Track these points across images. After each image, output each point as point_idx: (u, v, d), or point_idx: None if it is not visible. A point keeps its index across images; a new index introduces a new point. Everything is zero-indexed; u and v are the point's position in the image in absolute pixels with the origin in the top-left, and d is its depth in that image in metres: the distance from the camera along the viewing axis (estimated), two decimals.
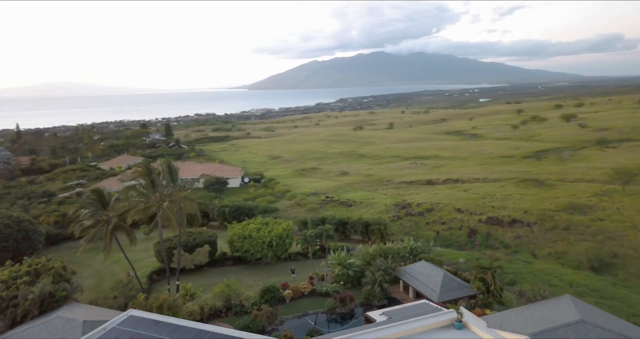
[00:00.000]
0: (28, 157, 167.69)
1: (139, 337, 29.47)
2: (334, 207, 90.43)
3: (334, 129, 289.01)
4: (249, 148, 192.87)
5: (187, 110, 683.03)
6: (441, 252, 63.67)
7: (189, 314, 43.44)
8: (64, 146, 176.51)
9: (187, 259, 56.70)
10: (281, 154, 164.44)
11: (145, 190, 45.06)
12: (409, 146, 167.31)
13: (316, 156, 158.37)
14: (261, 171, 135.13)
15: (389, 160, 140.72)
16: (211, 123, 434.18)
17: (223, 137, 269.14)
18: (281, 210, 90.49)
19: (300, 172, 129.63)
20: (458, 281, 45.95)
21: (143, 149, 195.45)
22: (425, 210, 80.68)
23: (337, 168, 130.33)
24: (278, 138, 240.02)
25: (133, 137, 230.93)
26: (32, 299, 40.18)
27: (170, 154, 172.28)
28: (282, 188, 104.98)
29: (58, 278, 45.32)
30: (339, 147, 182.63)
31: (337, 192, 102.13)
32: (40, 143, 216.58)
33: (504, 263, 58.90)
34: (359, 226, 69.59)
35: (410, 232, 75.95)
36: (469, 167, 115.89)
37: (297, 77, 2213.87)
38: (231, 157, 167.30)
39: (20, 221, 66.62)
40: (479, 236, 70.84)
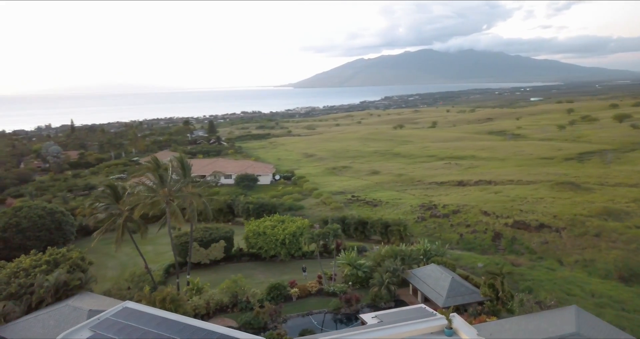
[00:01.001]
0: (77, 151, 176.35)
1: (128, 328, 30.36)
2: (359, 207, 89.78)
3: (374, 127, 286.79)
4: (286, 146, 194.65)
5: (234, 108, 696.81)
6: (460, 256, 62.02)
7: (194, 308, 44.46)
8: (110, 141, 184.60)
9: (203, 254, 57.90)
10: (316, 152, 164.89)
11: (154, 185, 46.05)
12: (447, 145, 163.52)
13: (350, 155, 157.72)
14: (294, 168, 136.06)
15: (423, 160, 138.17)
16: (255, 121, 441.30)
17: (264, 135, 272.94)
18: (306, 208, 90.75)
19: (332, 170, 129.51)
20: (467, 286, 44.62)
21: (185, 145, 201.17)
22: (451, 212, 78.67)
23: (368, 167, 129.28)
24: (317, 136, 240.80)
25: (177, 134, 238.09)
26: (47, 287, 42.27)
27: (209, 151, 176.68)
28: (310, 186, 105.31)
29: (75, 268, 47.45)
30: (375, 145, 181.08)
31: (365, 191, 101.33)
32: (91, 138, 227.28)
33: (525, 269, 56.60)
34: (378, 226, 68.79)
35: (433, 234, 74.39)
36: (504, 169, 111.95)
37: (343, 75, 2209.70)
38: (267, 155, 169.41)
39: (54, 212, 70.17)
40: (503, 240, 68.34)
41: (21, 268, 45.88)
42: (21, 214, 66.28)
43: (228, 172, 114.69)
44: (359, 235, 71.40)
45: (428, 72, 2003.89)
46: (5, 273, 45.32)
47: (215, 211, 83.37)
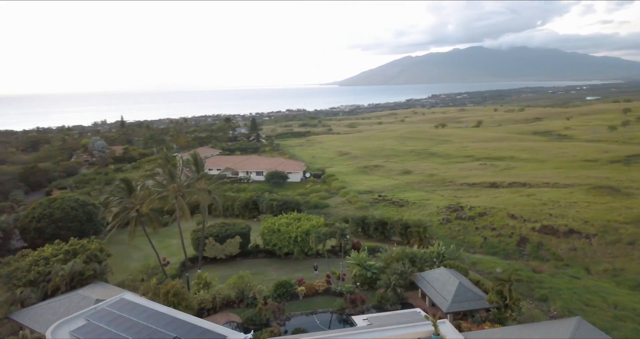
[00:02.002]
0: (122, 146, 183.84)
1: (119, 319, 31.40)
2: (385, 207, 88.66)
3: (416, 126, 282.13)
4: (322, 144, 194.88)
5: (280, 106, 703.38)
6: (479, 260, 60.07)
7: (200, 302, 45.35)
8: (152, 137, 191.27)
9: (218, 249, 58.89)
10: (351, 151, 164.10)
11: (164, 181, 47.19)
12: (486, 145, 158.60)
13: (386, 153, 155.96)
14: (326, 166, 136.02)
15: (459, 160, 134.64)
16: (298, 119, 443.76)
17: (304, 133, 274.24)
18: (331, 206, 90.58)
19: (363, 169, 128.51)
20: (475, 292, 43.15)
21: (225, 142, 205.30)
22: (477, 214, 76.31)
23: (401, 166, 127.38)
24: (355, 134, 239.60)
25: (218, 131, 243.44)
26: (62, 276, 44.36)
27: (247, 148, 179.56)
28: (338, 185, 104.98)
29: (92, 259, 49.47)
30: (413, 144, 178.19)
31: (393, 191, 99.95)
32: (138, 134, 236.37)
33: (546, 276, 54.12)
34: (398, 227, 67.61)
35: (456, 237, 72.52)
36: (542, 171, 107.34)
37: (389, 73, 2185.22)
38: (303, 153, 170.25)
39: (86, 204, 73.43)
40: (529, 245, 65.58)
41: (42, 257, 48.37)
42: (55, 206, 69.75)
43: (259, 169, 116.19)
44: (379, 235, 70.49)
45: (477, 70, 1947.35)
46: (27, 261, 47.96)
47: (241, 207, 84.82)
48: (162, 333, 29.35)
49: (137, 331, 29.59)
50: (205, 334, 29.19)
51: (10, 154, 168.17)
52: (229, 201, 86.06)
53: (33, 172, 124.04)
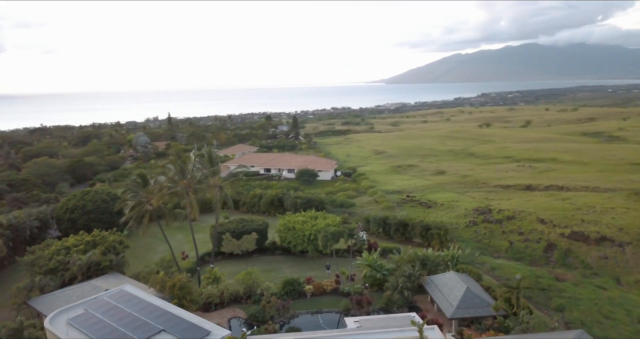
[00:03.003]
0: (165, 142, 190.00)
1: (114, 309, 32.50)
2: (412, 208, 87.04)
3: (460, 125, 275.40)
4: (360, 142, 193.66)
5: (325, 104, 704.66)
6: (499, 265, 57.91)
7: (208, 297, 46.23)
8: (194, 134, 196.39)
9: (235, 244, 59.79)
10: (387, 150, 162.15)
11: (175, 176, 48.28)
12: (529, 146, 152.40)
13: (422, 153, 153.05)
14: (360, 165, 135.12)
15: (497, 161, 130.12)
16: (342, 117, 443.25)
17: (345, 131, 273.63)
18: (357, 206, 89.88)
19: (396, 169, 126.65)
20: (482, 298, 41.66)
21: (264, 139, 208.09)
22: (505, 218, 73.54)
23: (436, 167, 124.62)
24: (395, 133, 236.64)
25: (259, 128, 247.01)
26: (79, 266, 46.43)
27: (285, 145, 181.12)
28: (367, 184, 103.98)
29: (110, 250, 51.44)
30: (452, 144, 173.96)
31: (424, 192, 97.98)
32: (182, 130, 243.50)
33: (569, 285, 51.46)
34: (418, 229, 66.22)
35: (482, 240, 70.31)
36: (584, 174, 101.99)
37: (438, 70, 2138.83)
38: (338, 151, 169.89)
39: (117, 197, 76.32)
40: (556, 251, 62.54)
41: (64, 247, 50.81)
42: (87, 198, 73.01)
43: (291, 167, 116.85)
44: (400, 237, 69.31)
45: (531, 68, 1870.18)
46: (51, 250, 50.51)
47: (267, 203, 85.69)
48: (151, 325, 30.16)
49: (127, 322, 30.53)
50: (190, 328, 29.74)
51: (62, 148, 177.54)
52: (255, 198, 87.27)
53: (79, 166, 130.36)
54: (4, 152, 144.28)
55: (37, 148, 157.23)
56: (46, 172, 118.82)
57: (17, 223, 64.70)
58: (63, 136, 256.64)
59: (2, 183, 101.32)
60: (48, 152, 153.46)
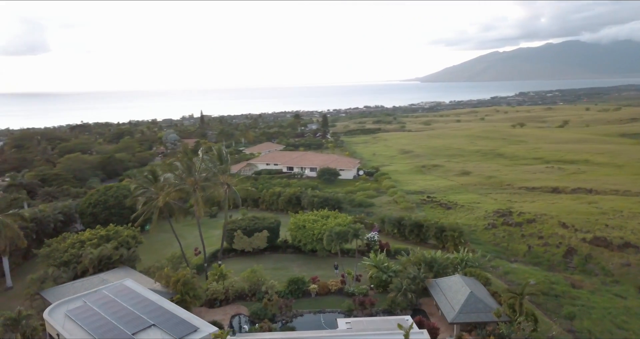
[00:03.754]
0: (194, 139, 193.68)
1: (111, 303, 33.36)
2: (432, 209, 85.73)
3: (493, 125, 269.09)
4: (388, 141, 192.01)
5: (358, 102, 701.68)
6: (514, 270, 56.30)
7: (213, 293, 46.83)
8: (223, 132, 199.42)
9: (246, 242, 60.29)
10: (414, 149, 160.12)
11: (182, 174, 49.02)
12: (561, 147, 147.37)
13: (449, 153, 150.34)
14: (384, 164, 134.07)
15: (526, 162, 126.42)
16: (374, 115, 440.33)
17: (374, 130, 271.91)
18: (376, 206, 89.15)
19: (421, 168, 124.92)
20: (486, 303, 40.54)
21: (292, 137, 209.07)
22: (525, 221, 71.40)
23: (461, 167, 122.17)
24: (426, 132, 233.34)
25: (288, 127, 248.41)
26: (91, 259, 47.88)
27: (311, 144, 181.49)
28: (389, 184, 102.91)
29: (123, 245, 52.80)
30: (482, 144, 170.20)
31: (445, 192, 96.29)
32: (213, 128, 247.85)
33: (584, 292, 49.51)
34: (433, 230, 65.03)
35: (500, 244, 68.63)
36: (616, 177, 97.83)
37: (474, 69, 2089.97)
38: (364, 150, 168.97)
39: None
40: (576, 257, 60.28)
41: (79, 240, 52.50)
42: (109, 193, 75.22)
43: (313, 166, 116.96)
44: (415, 238, 68.29)
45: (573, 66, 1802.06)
46: (66, 243, 52.29)
47: (285, 201, 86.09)
48: (142, 319, 30.81)
49: (121, 316, 31.29)
50: (180, 324, 30.21)
51: (97, 144, 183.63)
52: (274, 196, 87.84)
53: (110, 162, 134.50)
54: (42, 148, 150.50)
55: (72, 144, 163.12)
56: (78, 168, 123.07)
57: (42, 216, 67.20)
58: (101, 132, 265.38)
59: (36, 178, 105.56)
60: (82, 148, 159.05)
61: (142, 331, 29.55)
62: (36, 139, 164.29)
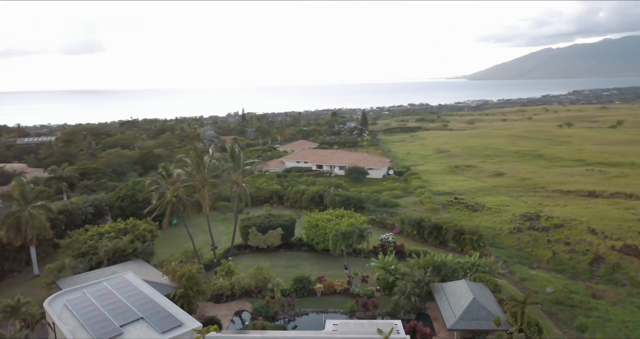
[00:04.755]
0: (231, 136, 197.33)
1: (108, 294, 34.55)
2: (458, 210, 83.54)
3: (539, 124, 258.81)
4: (425, 140, 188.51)
5: (402, 100, 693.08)
6: (532, 277, 54.08)
7: (219, 288, 47.66)
8: (259, 129, 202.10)
9: (260, 239, 60.93)
10: (451, 149, 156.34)
11: (192, 170, 49.95)
12: (608, 149, 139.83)
13: (487, 153, 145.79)
14: (417, 164, 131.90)
15: (566, 164, 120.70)
16: (417, 113, 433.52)
17: (414, 128, 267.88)
18: (401, 206, 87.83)
19: (454, 169, 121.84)
20: (489, 311, 39.20)
21: (328, 135, 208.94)
22: (553, 226, 68.32)
23: (496, 168, 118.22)
24: (467, 131, 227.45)
25: (325, 125, 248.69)
26: (105, 251, 49.76)
27: (346, 142, 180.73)
28: (417, 184, 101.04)
29: (138, 238, 54.54)
30: (523, 144, 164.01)
31: (475, 194, 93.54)
32: (253, 125, 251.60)
33: (604, 303, 46.90)
34: (452, 233, 63.38)
35: (524, 249, 66.09)
36: None
37: (525, 66, 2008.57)
38: (400, 148, 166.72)
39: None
40: (603, 266, 57.07)
41: (98, 233, 54.66)
42: (137, 188, 77.69)
43: (342, 164, 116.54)
44: (434, 240, 66.82)
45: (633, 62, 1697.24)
46: (86, 235, 54.57)
47: (308, 199, 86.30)
48: (133, 312, 31.76)
49: (114, 308, 32.39)
50: (166, 318, 30.92)
51: (140, 140, 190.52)
52: (298, 193, 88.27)
53: (148, 157, 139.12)
54: (87, 143, 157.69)
55: (115, 139, 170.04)
56: (117, 163, 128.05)
57: (72, 209, 70.39)
58: (147, 128, 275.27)
59: (77, 171, 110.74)
60: (125, 143, 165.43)
61: (129, 324, 30.47)
62: (82, 134, 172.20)
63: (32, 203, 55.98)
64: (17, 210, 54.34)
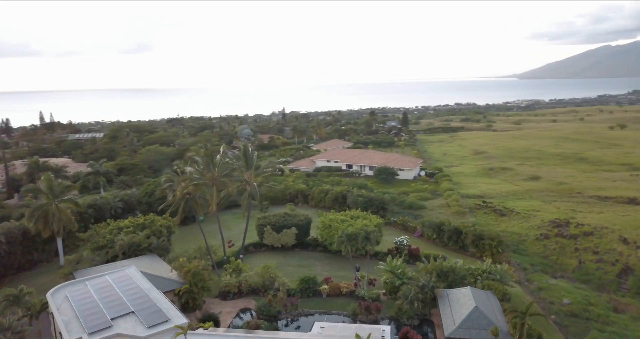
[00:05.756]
0: (269, 135, 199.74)
1: (107, 287, 35.81)
2: (485, 214, 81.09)
3: (589, 126, 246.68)
4: (465, 141, 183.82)
5: (448, 99, 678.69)
6: (552, 286, 51.70)
7: (225, 285, 48.37)
8: (295, 128, 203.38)
9: (274, 237, 61.35)
10: (489, 150, 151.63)
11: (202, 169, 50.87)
12: None
13: (526, 155, 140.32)
14: (452, 165, 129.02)
15: (609, 168, 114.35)
16: (462, 113, 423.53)
17: (456, 128, 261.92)
18: (427, 209, 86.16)
19: (488, 171, 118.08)
20: (490, 320, 37.69)
21: (365, 135, 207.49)
22: (582, 233, 65.00)
23: (532, 171, 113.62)
24: (511, 132, 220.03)
25: (362, 124, 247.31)
26: (121, 246, 51.51)
27: (382, 142, 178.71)
28: (447, 186, 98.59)
29: (156, 233, 56.17)
30: (567, 147, 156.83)
31: (506, 197, 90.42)
32: (290, 124, 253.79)
33: (626, 318, 44.26)
34: (471, 238, 61.50)
35: (549, 256, 63.41)
36: None
37: (580, 64, 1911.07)
38: (437, 149, 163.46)
39: None
40: (632, 277, 53.74)
41: (117, 227, 56.71)
42: None
43: (372, 164, 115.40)
44: (453, 245, 65.10)
45: None
46: (107, 228, 56.75)
47: (332, 199, 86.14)
48: (125, 306, 32.78)
49: (109, 301, 33.52)
50: (155, 313, 31.70)
51: (181, 137, 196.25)
52: (322, 193, 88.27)
53: (185, 154, 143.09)
54: (129, 139, 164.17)
55: (156, 137, 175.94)
56: (155, 159, 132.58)
57: (102, 203, 73.46)
58: (192, 126, 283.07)
59: (115, 167, 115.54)
60: (165, 140, 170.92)
61: (120, 317, 31.44)
62: (125, 131, 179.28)
63: (59, 197, 58.75)
64: (45, 203, 57.26)
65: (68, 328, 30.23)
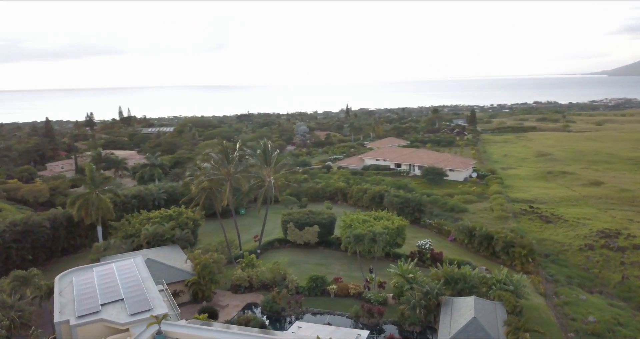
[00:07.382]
0: (325, 132, 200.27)
1: (110, 275, 37.93)
2: (530, 220, 76.43)
3: None
4: (531, 141, 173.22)
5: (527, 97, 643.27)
6: (581, 301, 47.65)
7: (237, 279, 49.52)
8: (352, 126, 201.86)
9: (297, 235, 61.76)
10: (554, 152, 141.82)
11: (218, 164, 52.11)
12: None
13: (594, 159, 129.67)
14: (510, 167, 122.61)
15: None
16: (539, 112, 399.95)
17: (527, 128, 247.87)
18: (469, 212, 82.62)
19: (546, 174, 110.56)
20: (487, 333, 35.65)
21: (425, 133, 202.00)
22: (632, 246, 59.37)
23: (596, 176, 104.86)
24: (586, 134, 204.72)
25: (424, 122, 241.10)
26: (145, 235, 54.41)
27: (441, 141, 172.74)
28: (496, 189, 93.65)
29: (181, 225, 58.64)
30: None
31: (558, 203, 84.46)
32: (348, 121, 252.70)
33: None
34: (501, 244, 58.21)
35: (590, 269, 58.68)
36: None
37: None
38: (498, 150, 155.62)
39: None
40: None
41: (147, 218, 59.79)
42: None
43: (422, 164, 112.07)
44: (484, 251, 62.01)
45: None
46: (138, 218, 60.01)
47: (369, 199, 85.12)
48: (118, 293, 34.66)
49: (106, 287, 35.56)
50: (141, 302, 33.16)
51: (243, 133, 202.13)
52: (360, 192, 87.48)
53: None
54: (191, 134, 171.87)
55: (217, 132, 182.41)
56: None
57: (145, 194, 77.58)
58: (258, 122, 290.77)
59: (171, 160, 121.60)
60: (225, 136, 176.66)
61: (110, 303, 33.26)
62: (188, 126, 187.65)
63: (100, 187, 62.92)
64: (86, 192, 61.66)
65: (62, 310, 32.41)
